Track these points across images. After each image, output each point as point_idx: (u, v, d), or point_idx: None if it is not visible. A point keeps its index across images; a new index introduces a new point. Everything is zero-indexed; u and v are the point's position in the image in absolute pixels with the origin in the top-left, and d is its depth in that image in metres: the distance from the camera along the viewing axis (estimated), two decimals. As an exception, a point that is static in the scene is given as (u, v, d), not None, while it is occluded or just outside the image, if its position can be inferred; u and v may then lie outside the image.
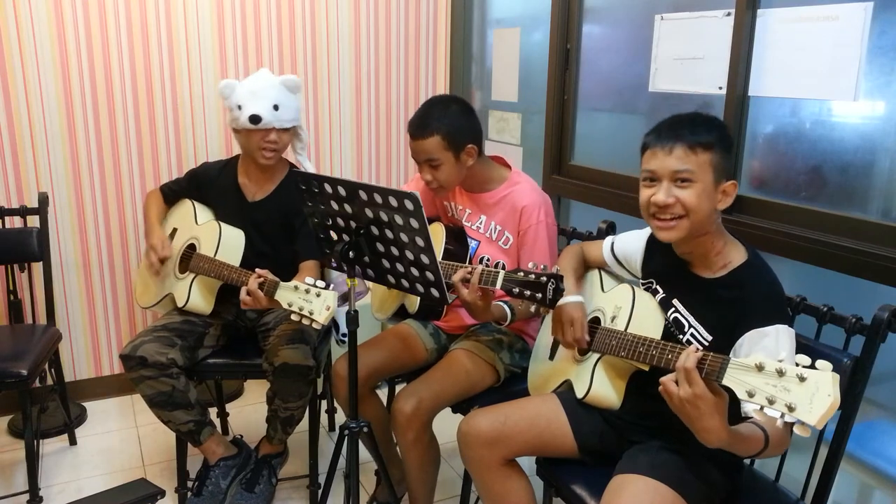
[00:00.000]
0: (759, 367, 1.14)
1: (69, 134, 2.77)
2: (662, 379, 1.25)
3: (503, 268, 1.65)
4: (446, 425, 2.01)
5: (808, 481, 1.59)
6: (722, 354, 1.24)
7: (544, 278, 1.55)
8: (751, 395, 1.14)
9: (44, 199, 2.54)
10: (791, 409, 1.08)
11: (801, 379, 1.08)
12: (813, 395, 1.07)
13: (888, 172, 1.71)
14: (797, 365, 1.10)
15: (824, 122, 1.84)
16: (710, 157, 1.41)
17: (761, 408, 1.13)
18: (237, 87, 2.18)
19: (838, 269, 1.73)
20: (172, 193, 2.43)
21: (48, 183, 2.78)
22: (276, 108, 2.14)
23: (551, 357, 1.83)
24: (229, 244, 2.20)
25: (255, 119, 2.12)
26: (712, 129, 1.44)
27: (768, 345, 1.35)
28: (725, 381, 1.19)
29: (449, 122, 1.89)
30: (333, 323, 2.28)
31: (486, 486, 1.71)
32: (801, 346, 1.42)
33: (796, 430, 1.09)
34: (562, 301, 1.65)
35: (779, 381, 1.11)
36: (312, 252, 2.17)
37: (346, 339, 1.73)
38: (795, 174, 1.92)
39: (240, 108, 2.14)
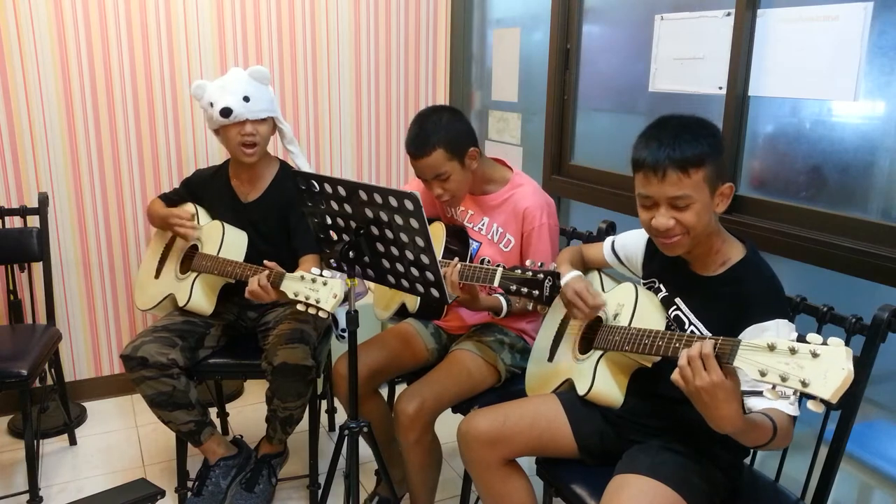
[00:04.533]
0: (771, 347, 1.13)
1: (69, 134, 2.77)
2: (674, 376, 1.25)
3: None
4: (446, 425, 2.01)
5: (808, 481, 1.59)
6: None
7: (541, 275, 1.56)
8: (763, 374, 1.13)
9: (44, 199, 2.54)
10: (805, 384, 1.08)
11: (815, 355, 1.08)
12: (827, 370, 1.06)
13: (888, 172, 1.71)
14: (809, 343, 1.10)
15: (824, 122, 1.84)
16: (703, 174, 1.38)
17: (774, 386, 1.12)
18: (208, 87, 2.19)
19: (838, 269, 1.73)
20: (171, 202, 2.43)
21: (48, 183, 2.78)
22: (246, 99, 2.14)
23: (550, 359, 1.83)
24: (232, 244, 2.20)
25: (225, 112, 2.11)
26: (699, 140, 1.39)
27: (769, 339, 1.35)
28: (737, 362, 1.19)
29: (446, 132, 1.89)
30: (333, 319, 2.28)
31: (486, 486, 1.71)
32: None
33: (810, 405, 1.08)
34: (562, 281, 1.66)
35: (791, 359, 1.11)
36: (310, 247, 2.18)
37: (345, 334, 1.74)
38: (795, 174, 1.92)
39: (212, 105, 2.15)
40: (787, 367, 1.11)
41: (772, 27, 1.89)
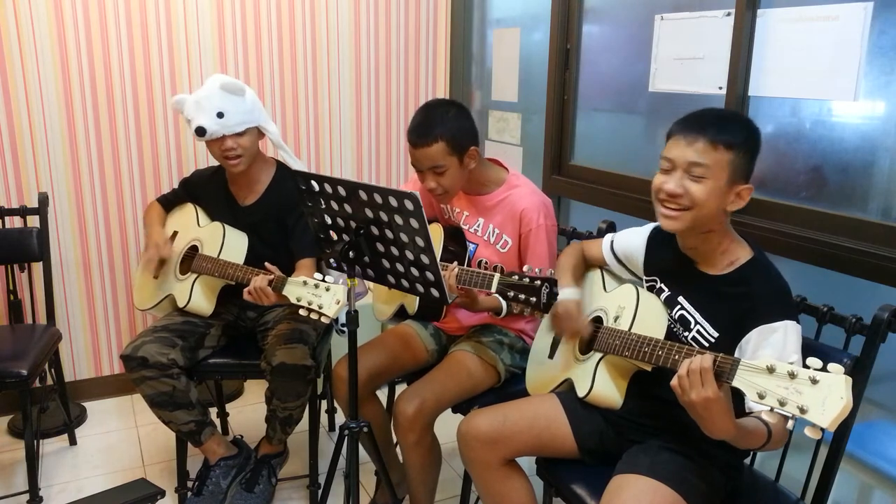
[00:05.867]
0: (770, 369, 1.14)
1: (69, 134, 2.77)
2: (673, 383, 1.26)
3: (500, 271, 1.65)
4: (446, 425, 2.01)
5: (808, 481, 1.59)
6: (728, 352, 1.24)
7: (538, 282, 1.55)
8: (761, 396, 1.14)
9: (44, 199, 2.54)
10: (803, 411, 1.08)
11: (814, 381, 1.08)
12: (825, 398, 1.07)
13: (888, 172, 1.71)
14: (808, 367, 1.10)
15: (824, 122, 1.84)
16: (730, 157, 1.39)
17: (771, 409, 1.13)
18: (186, 101, 2.16)
19: (838, 269, 1.73)
20: (170, 204, 2.43)
21: (48, 183, 2.78)
22: (220, 115, 2.10)
23: (551, 356, 1.83)
24: (233, 245, 2.20)
25: (199, 132, 2.10)
26: (740, 131, 1.41)
27: (776, 341, 1.35)
28: (735, 383, 1.19)
29: (451, 127, 1.87)
30: (333, 316, 2.29)
31: (486, 486, 1.71)
32: (802, 346, 1.42)
33: (807, 432, 1.09)
34: (559, 295, 1.66)
35: (790, 384, 1.11)
36: (307, 250, 2.17)
37: (345, 329, 1.74)
38: (795, 174, 1.92)
39: (189, 122, 2.14)
40: (785, 392, 1.11)
41: (772, 27, 1.89)
